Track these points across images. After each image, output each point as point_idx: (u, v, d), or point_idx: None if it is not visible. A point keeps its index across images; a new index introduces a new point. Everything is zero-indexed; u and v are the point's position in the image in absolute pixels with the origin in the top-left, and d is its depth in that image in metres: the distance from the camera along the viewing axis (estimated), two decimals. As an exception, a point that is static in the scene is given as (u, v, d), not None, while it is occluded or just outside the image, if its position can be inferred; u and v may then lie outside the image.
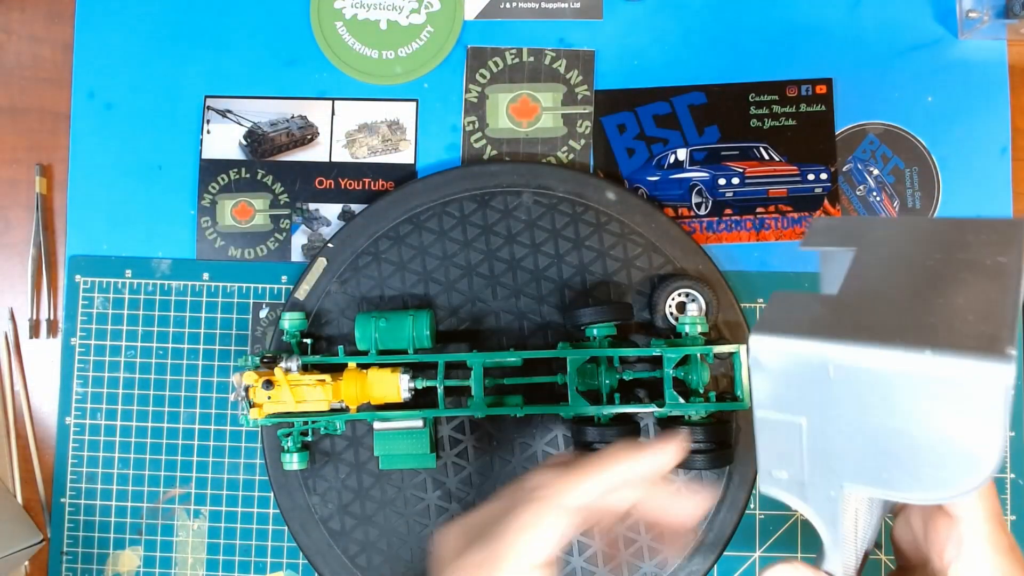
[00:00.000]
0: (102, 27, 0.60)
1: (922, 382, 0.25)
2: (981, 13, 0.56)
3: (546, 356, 0.52)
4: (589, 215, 0.55)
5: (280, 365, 0.50)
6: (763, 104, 0.58)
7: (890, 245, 0.31)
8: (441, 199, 0.56)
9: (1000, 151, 0.58)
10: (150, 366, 0.58)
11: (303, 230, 0.59)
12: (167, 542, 0.58)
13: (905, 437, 0.27)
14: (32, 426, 0.59)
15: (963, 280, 0.28)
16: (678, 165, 0.58)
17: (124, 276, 0.59)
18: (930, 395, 0.25)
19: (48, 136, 0.61)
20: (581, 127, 0.59)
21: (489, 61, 0.59)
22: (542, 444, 0.54)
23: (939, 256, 0.30)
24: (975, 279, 0.28)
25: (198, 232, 0.59)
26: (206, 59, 0.60)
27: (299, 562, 0.57)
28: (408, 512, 0.54)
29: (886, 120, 0.58)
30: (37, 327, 0.60)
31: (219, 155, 0.60)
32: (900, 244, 0.31)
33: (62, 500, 0.58)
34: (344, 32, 0.60)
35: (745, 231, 0.58)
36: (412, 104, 0.60)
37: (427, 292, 0.55)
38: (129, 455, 0.58)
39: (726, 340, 0.54)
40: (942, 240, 0.31)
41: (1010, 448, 0.56)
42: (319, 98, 0.60)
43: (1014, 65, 0.58)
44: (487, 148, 0.59)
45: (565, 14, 0.60)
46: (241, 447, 0.58)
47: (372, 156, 0.59)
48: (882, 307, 0.28)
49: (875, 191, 0.58)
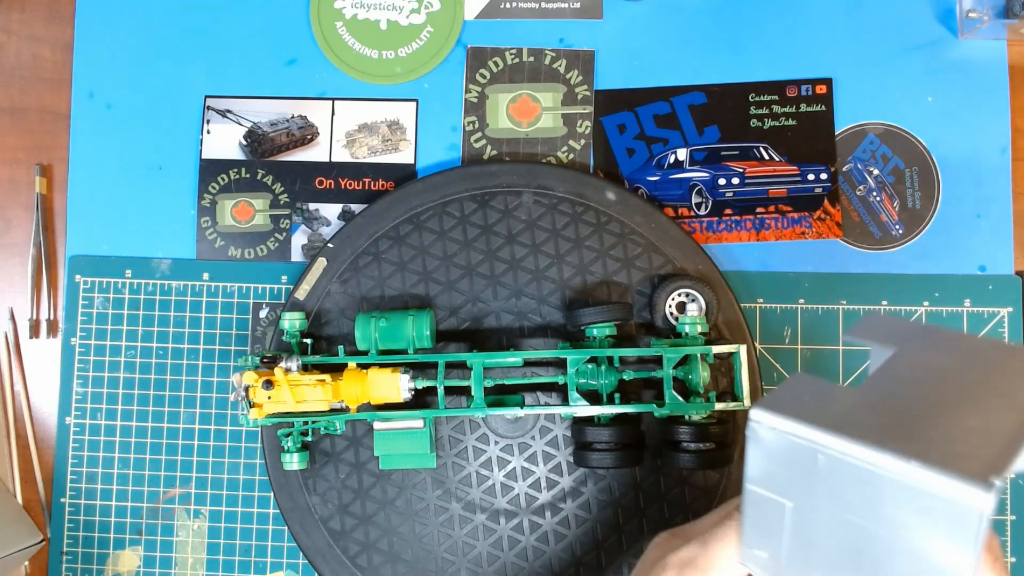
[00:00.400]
0: (102, 27, 0.60)
1: (905, 492, 0.25)
2: (981, 13, 0.56)
3: (546, 356, 0.52)
4: (589, 215, 0.55)
5: (280, 365, 0.50)
6: (763, 104, 0.58)
7: (933, 353, 0.31)
8: (441, 199, 0.56)
9: (1000, 151, 0.58)
10: (150, 366, 0.58)
11: (303, 230, 0.59)
12: (167, 542, 0.58)
13: (881, 543, 0.26)
14: (32, 426, 0.59)
15: (987, 404, 0.27)
16: (678, 165, 0.58)
17: (124, 276, 0.59)
18: (911, 506, 0.25)
19: (48, 136, 0.61)
20: (581, 127, 0.59)
21: (489, 61, 0.59)
22: (542, 444, 0.54)
23: (975, 376, 0.29)
24: (998, 406, 0.27)
25: (198, 232, 0.59)
26: (206, 59, 0.60)
27: (299, 562, 0.57)
28: (408, 512, 0.54)
29: (886, 120, 0.58)
30: (37, 327, 0.60)
31: (219, 155, 0.60)
32: (942, 355, 0.31)
33: (62, 500, 0.58)
34: (344, 32, 0.60)
35: (745, 231, 0.58)
36: (412, 104, 0.60)
37: (427, 292, 0.55)
38: (129, 455, 0.58)
39: (726, 340, 0.54)
40: (985, 361, 0.30)
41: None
42: (319, 98, 0.60)
43: (1014, 65, 0.58)
44: (487, 148, 0.59)
45: (565, 14, 0.60)
46: (241, 447, 0.58)
47: (372, 156, 0.59)
48: (893, 411, 0.28)
49: (875, 191, 0.58)
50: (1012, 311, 0.57)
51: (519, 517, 0.54)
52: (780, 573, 0.30)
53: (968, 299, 0.57)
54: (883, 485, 0.25)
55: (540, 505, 0.54)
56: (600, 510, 0.54)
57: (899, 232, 0.58)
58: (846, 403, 0.28)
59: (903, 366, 0.30)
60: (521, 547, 0.54)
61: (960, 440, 0.26)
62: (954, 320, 0.57)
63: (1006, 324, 0.56)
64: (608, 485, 0.54)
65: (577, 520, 0.54)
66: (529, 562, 0.53)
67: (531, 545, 0.54)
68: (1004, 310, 0.57)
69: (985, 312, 0.57)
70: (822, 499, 0.27)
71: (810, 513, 0.28)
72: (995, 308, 0.57)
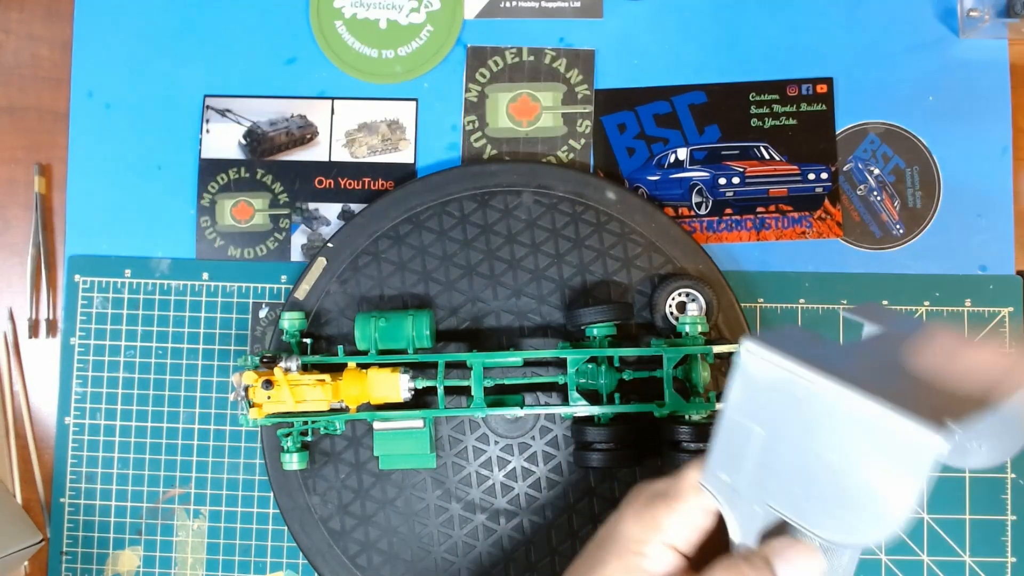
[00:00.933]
0: (101, 26, 0.60)
1: (867, 429, 0.28)
2: (982, 12, 0.56)
3: (546, 356, 0.52)
4: (589, 215, 0.55)
5: (280, 365, 0.50)
6: (763, 103, 0.58)
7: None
8: (441, 199, 0.56)
9: (1001, 151, 0.58)
10: (150, 366, 0.58)
11: (303, 230, 0.59)
12: (167, 542, 0.57)
13: (836, 475, 0.29)
14: (32, 426, 0.59)
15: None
16: (678, 165, 0.58)
17: (124, 276, 0.59)
18: (871, 443, 0.28)
19: (47, 135, 0.60)
20: (581, 126, 0.59)
21: (489, 60, 0.59)
22: (542, 444, 0.54)
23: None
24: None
25: (198, 232, 0.59)
26: (206, 59, 0.60)
27: (299, 562, 0.57)
28: (408, 512, 0.54)
29: (887, 119, 0.58)
30: (36, 327, 0.60)
31: (219, 155, 0.60)
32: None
33: (62, 500, 0.58)
34: (344, 31, 0.60)
35: (745, 231, 0.58)
36: (412, 104, 0.60)
37: (427, 292, 0.55)
38: (129, 455, 0.58)
39: (726, 340, 0.54)
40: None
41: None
42: (319, 98, 0.60)
43: (1015, 64, 0.58)
44: (487, 148, 0.59)
45: (565, 13, 0.59)
46: (241, 447, 0.58)
47: (372, 156, 0.59)
48: (873, 368, 0.31)
49: (876, 191, 0.58)
50: (1012, 311, 0.57)
51: (519, 517, 0.54)
52: (736, 496, 0.33)
53: (968, 299, 0.57)
54: (849, 421, 0.29)
55: (540, 505, 0.54)
56: (600, 510, 0.54)
57: (900, 232, 0.58)
58: (832, 352, 0.32)
59: (891, 343, 0.33)
60: (521, 547, 0.54)
61: (933, 398, 0.29)
62: (954, 320, 0.57)
63: (1006, 324, 0.56)
64: (608, 485, 0.54)
65: (577, 520, 0.54)
66: (529, 562, 0.53)
67: (531, 545, 0.54)
68: (1004, 310, 0.57)
69: (985, 312, 0.57)
70: (792, 430, 0.31)
71: (777, 443, 0.31)
72: (995, 308, 0.57)
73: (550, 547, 0.54)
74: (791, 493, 0.31)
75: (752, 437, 0.32)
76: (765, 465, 0.32)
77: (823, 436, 0.29)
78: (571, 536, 0.54)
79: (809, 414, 0.30)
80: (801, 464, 0.30)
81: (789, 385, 0.30)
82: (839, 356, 0.31)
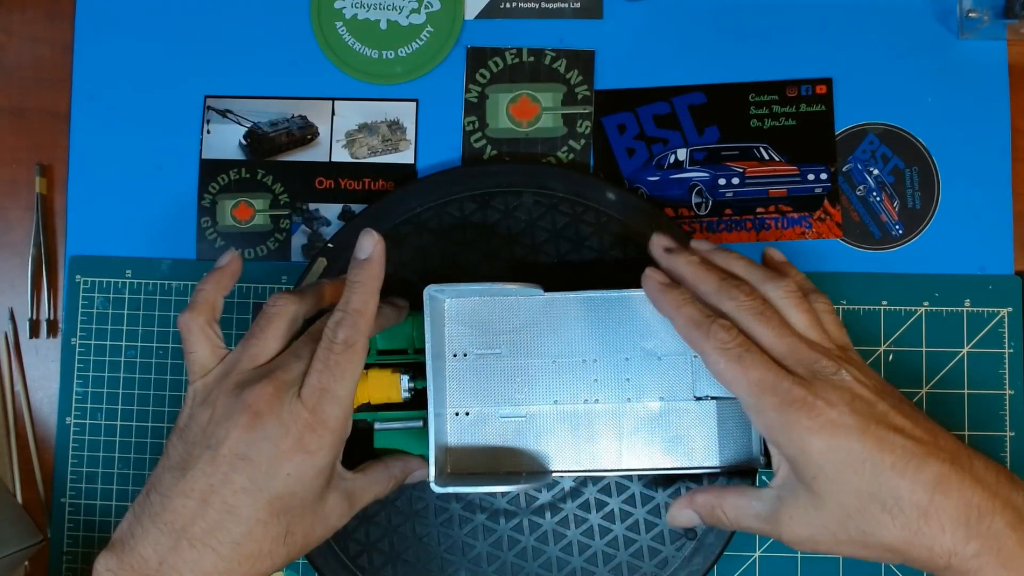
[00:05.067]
0: (102, 27, 0.60)
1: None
2: (981, 13, 0.56)
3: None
4: (589, 215, 0.55)
5: (280, 365, 0.50)
6: (763, 104, 0.58)
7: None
8: (441, 199, 0.56)
9: (1000, 151, 0.58)
10: (150, 366, 0.58)
11: (303, 230, 0.59)
12: (167, 542, 0.57)
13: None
14: (32, 426, 0.59)
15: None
16: (678, 165, 0.58)
17: (124, 276, 0.59)
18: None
19: (48, 136, 0.61)
20: (581, 127, 0.59)
21: (489, 61, 0.59)
22: (542, 444, 0.54)
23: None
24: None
25: (198, 232, 0.59)
26: (207, 59, 0.60)
27: (299, 562, 0.57)
28: (408, 512, 0.54)
29: (886, 120, 0.58)
30: (37, 327, 0.60)
31: (219, 155, 0.60)
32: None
33: (62, 500, 0.58)
34: (344, 32, 0.60)
35: (745, 231, 0.58)
36: (412, 104, 0.60)
37: (427, 292, 0.55)
38: (129, 455, 0.58)
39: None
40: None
41: (1009, 447, 0.56)
42: (319, 98, 0.60)
43: (1014, 65, 0.58)
44: (487, 148, 0.59)
45: (565, 14, 0.60)
46: (241, 447, 0.57)
47: (372, 156, 0.59)
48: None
49: (875, 191, 0.58)
50: (1012, 311, 0.57)
51: (519, 517, 0.54)
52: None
53: (968, 299, 0.57)
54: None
55: (540, 505, 0.54)
56: (600, 510, 0.54)
57: (899, 232, 0.58)
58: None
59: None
60: (521, 547, 0.54)
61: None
62: (954, 320, 0.57)
63: (1006, 324, 0.56)
64: (608, 485, 0.54)
65: (577, 520, 0.54)
66: (529, 562, 0.53)
67: (531, 545, 0.54)
68: (1004, 310, 0.57)
69: (985, 312, 0.57)
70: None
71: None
72: (995, 308, 0.57)
73: (550, 547, 0.54)
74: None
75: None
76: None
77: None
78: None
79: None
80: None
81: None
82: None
